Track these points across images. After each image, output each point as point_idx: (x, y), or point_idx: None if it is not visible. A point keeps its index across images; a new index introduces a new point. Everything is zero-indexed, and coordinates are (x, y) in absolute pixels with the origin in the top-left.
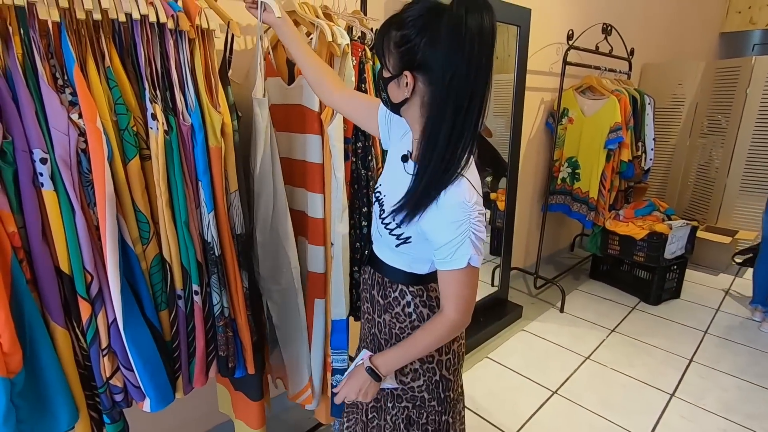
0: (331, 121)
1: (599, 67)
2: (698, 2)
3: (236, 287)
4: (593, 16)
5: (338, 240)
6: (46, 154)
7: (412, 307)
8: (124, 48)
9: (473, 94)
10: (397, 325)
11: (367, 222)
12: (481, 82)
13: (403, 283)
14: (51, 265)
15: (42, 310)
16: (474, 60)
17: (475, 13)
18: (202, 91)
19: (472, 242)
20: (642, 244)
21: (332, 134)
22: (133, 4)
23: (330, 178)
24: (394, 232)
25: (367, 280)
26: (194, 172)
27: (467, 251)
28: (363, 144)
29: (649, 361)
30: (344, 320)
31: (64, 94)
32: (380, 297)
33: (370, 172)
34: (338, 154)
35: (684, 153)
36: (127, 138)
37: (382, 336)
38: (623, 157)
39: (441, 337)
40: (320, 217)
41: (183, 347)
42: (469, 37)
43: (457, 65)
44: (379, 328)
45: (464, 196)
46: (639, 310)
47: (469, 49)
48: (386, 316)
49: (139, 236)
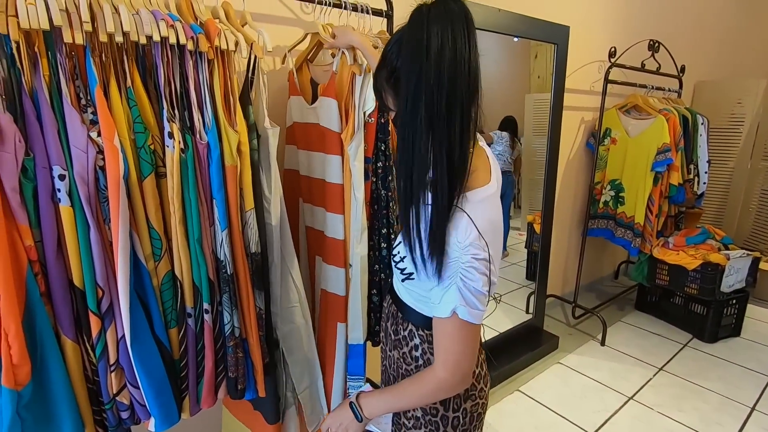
0: (352, 141)
1: (645, 85)
2: (756, 17)
3: (248, 307)
4: (638, 33)
5: (357, 261)
6: (65, 171)
7: (419, 352)
8: (146, 68)
9: (449, 102)
10: (404, 366)
11: (386, 244)
12: (458, 89)
13: (413, 322)
14: (65, 279)
15: (54, 323)
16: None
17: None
18: (220, 111)
19: (458, 290)
20: (695, 275)
21: (352, 154)
22: (154, 26)
23: (350, 198)
24: (398, 265)
25: (386, 309)
26: (209, 190)
27: (452, 300)
28: (384, 164)
29: (702, 406)
30: (361, 345)
31: (86, 113)
32: (392, 331)
33: (390, 192)
34: (358, 174)
35: (744, 177)
36: (144, 155)
37: (390, 371)
38: (673, 180)
39: (426, 394)
40: (340, 238)
41: (191, 366)
42: (434, 38)
43: (421, 72)
44: (389, 362)
45: (457, 234)
46: (691, 347)
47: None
48: (395, 353)
49: (152, 252)
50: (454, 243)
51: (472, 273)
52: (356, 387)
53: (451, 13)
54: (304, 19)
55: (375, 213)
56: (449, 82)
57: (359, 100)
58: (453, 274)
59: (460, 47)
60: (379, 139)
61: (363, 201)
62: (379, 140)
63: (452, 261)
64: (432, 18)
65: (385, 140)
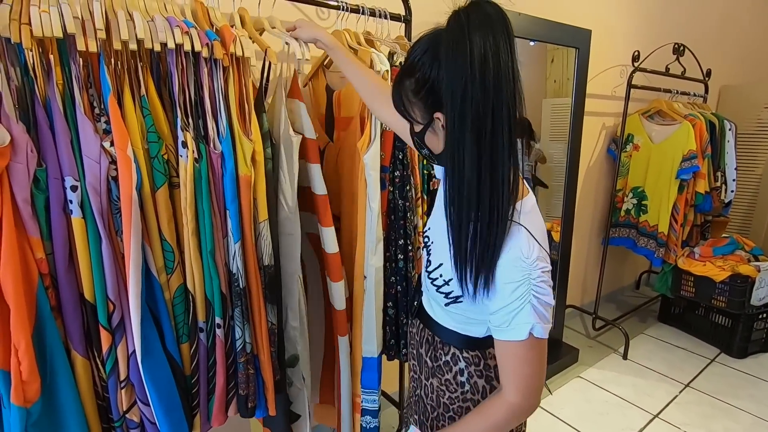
0: (368, 149)
1: (670, 90)
2: None
3: (260, 322)
4: (663, 36)
5: (372, 273)
6: (77, 182)
7: (465, 376)
8: (161, 76)
9: (495, 114)
10: (447, 394)
11: (403, 255)
12: (503, 99)
13: (456, 345)
14: (76, 293)
15: (64, 337)
16: (489, 71)
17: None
18: (235, 119)
19: (533, 308)
20: (723, 287)
21: (368, 163)
22: (168, 33)
23: (364, 209)
24: (441, 289)
25: (415, 335)
26: (222, 201)
27: (528, 319)
28: (401, 173)
29: (733, 427)
30: (375, 358)
31: (99, 122)
32: (429, 358)
33: (408, 202)
34: (374, 184)
35: None
36: (157, 166)
37: (428, 401)
38: (699, 188)
39: (498, 424)
40: (332, 251)
41: (203, 383)
42: (477, 48)
43: (467, 86)
44: (425, 391)
45: (521, 249)
46: (719, 363)
47: (479, 61)
48: (434, 381)
49: (164, 265)
50: (518, 260)
51: (543, 287)
52: (370, 401)
53: (491, 19)
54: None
55: (392, 223)
56: (495, 95)
57: None
58: (525, 293)
59: (503, 56)
60: (396, 147)
61: (378, 211)
62: (396, 149)
63: (521, 281)
64: (473, 25)
65: (403, 149)
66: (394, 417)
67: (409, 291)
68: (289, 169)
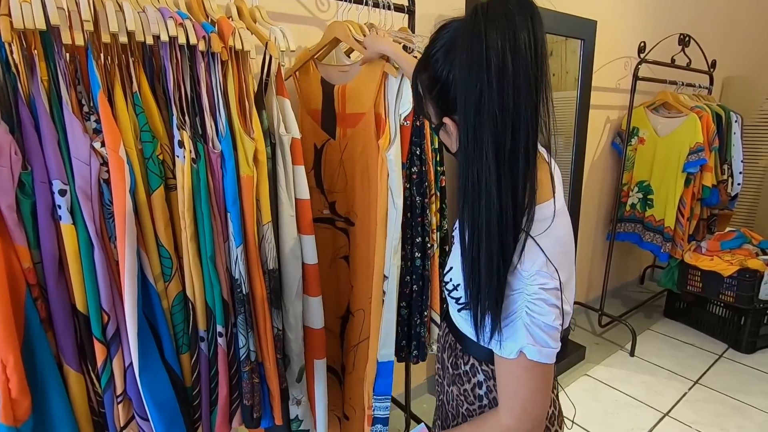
0: (390, 147)
1: (675, 81)
2: None
3: (265, 328)
4: (667, 27)
5: (394, 273)
6: (66, 186)
7: (483, 390)
8: (154, 72)
9: (516, 126)
10: (465, 404)
11: (420, 254)
12: (525, 109)
13: (475, 356)
14: (67, 304)
15: (56, 352)
16: (509, 80)
17: (501, 20)
18: (235, 117)
19: (526, 327)
20: (731, 282)
21: (392, 159)
22: (162, 25)
23: (385, 207)
24: (452, 294)
25: (441, 338)
26: (223, 203)
27: (517, 338)
28: (419, 169)
29: (746, 425)
30: (391, 362)
31: (89, 121)
32: (450, 364)
33: (426, 199)
34: (397, 180)
35: None
36: (152, 167)
37: (449, 408)
38: (706, 181)
39: None
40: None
41: (204, 394)
42: (495, 53)
43: (482, 95)
44: (447, 398)
45: (522, 261)
46: (727, 358)
47: (497, 68)
48: (454, 389)
49: (161, 272)
50: (517, 271)
51: (540, 306)
52: (382, 408)
53: (512, 15)
54: (320, 17)
55: (407, 221)
56: (514, 105)
57: (395, 103)
58: (517, 308)
59: (524, 58)
60: (413, 143)
61: (401, 209)
62: (414, 144)
63: (515, 292)
64: (490, 22)
65: (421, 144)
66: (399, 420)
67: (425, 290)
68: (286, 169)
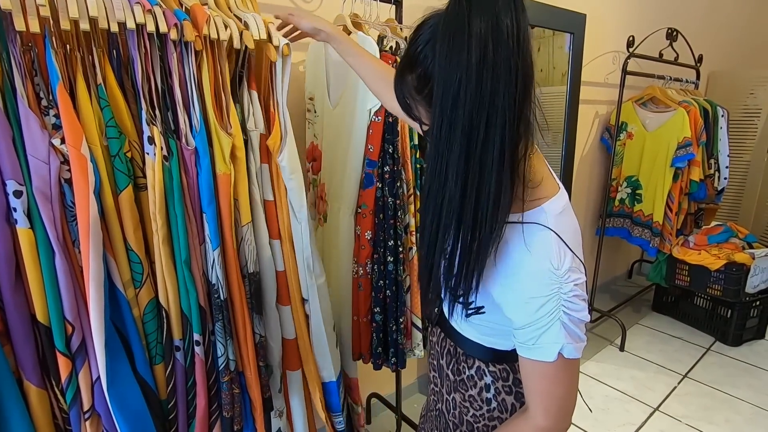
0: (282, 150)
1: (663, 76)
2: None
3: (245, 335)
4: (655, 21)
5: (313, 293)
6: (22, 186)
7: (491, 393)
8: (121, 62)
9: (491, 118)
10: (471, 411)
11: (393, 257)
12: (504, 99)
13: (481, 359)
14: (26, 315)
15: (14, 366)
16: (488, 69)
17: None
18: (210, 111)
19: (564, 326)
20: (718, 276)
21: (285, 166)
22: (128, 11)
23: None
24: (460, 300)
25: (435, 344)
26: (198, 203)
27: (557, 339)
28: (392, 168)
29: (734, 417)
30: (335, 382)
31: (47, 116)
32: (450, 371)
33: (399, 200)
34: (297, 190)
35: (761, 170)
36: (119, 165)
37: (450, 417)
38: (694, 176)
39: None
40: (279, 269)
41: (181, 407)
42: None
43: (461, 82)
44: (447, 406)
45: (551, 260)
46: (715, 351)
47: (477, 56)
48: (457, 396)
49: (131, 278)
50: (547, 272)
51: (575, 303)
52: (339, 422)
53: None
54: (304, 8)
55: (380, 223)
56: (490, 100)
57: (281, 93)
58: (554, 309)
59: (507, 46)
60: (386, 140)
61: (307, 221)
62: (386, 142)
63: (550, 295)
64: (474, 8)
65: (393, 141)
66: (390, 420)
67: (399, 295)
68: (256, 168)
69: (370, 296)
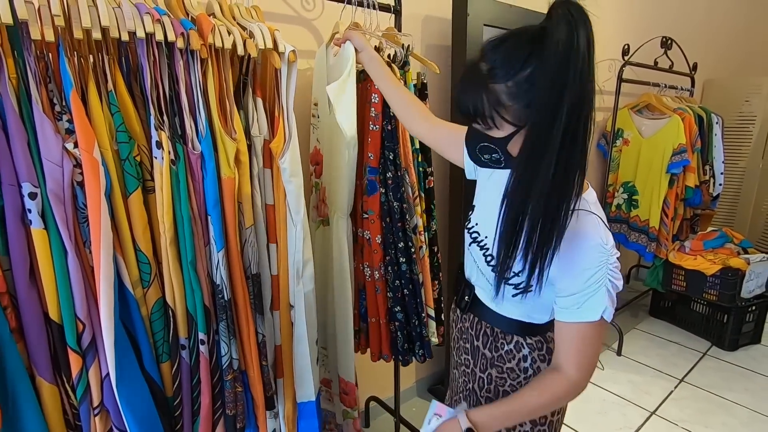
0: (284, 153)
1: (658, 83)
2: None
3: (248, 335)
4: (651, 30)
5: (300, 300)
6: (37, 189)
7: (528, 362)
8: (131, 70)
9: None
10: (508, 381)
11: (405, 258)
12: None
13: (518, 334)
14: (39, 313)
15: (27, 363)
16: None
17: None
18: (215, 117)
19: (607, 292)
20: (714, 281)
21: (286, 168)
22: (138, 21)
23: (284, 223)
24: (511, 281)
25: (469, 329)
26: (203, 206)
27: (602, 302)
28: (394, 174)
29: (730, 421)
30: (313, 402)
31: (61, 121)
32: (488, 350)
33: (405, 203)
34: (296, 193)
35: (756, 177)
36: (129, 169)
37: (483, 393)
38: (689, 182)
39: (557, 400)
40: (275, 273)
41: (186, 404)
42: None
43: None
44: (480, 383)
45: (601, 236)
46: (711, 356)
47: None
48: (493, 371)
49: (140, 278)
50: (599, 246)
51: (616, 273)
52: None
53: (583, 13)
54: (305, 16)
55: (387, 227)
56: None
57: (286, 98)
58: (601, 278)
59: (592, 54)
60: (386, 147)
61: (303, 226)
62: (386, 149)
63: (600, 266)
64: (579, 21)
65: (394, 149)
66: (389, 424)
67: (417, 293)
68: (259, 172)
69: (387, 297)
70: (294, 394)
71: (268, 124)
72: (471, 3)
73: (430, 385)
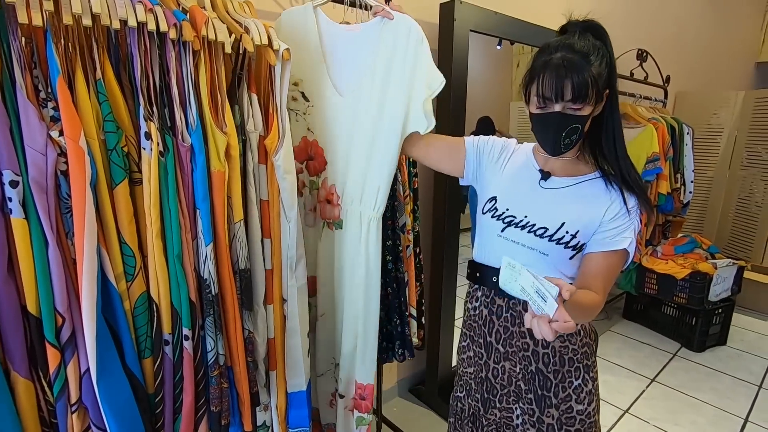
0: (279, 149)
1: (634, 94)
2: (734, 30)
3: (235, 331)
4: (626, 42)
5: (293, 294)
6: (18, 177)
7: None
8: (120, 59)
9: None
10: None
11: (392, 256)
12: None
13: None
14: (17, 305)
15: (2, 357)
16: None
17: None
18: (206, 109)
19: (634, 229)
20: (684, 285)
21: (280, 165)
22: (130, 10)
23: (278, 219)
24: (570, 244)
25: (500, 317)
26: (192, 199)
27: (630, 235)
28: None
29: (698, 419)
30: (304, 392)
31: (45, 108)
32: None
33: (395, 201)
34: (290, 189)
35: (723, 186)
36: (115, 159)
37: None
38: (661, 189)
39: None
40: (269, 267)
41: (168, 401)
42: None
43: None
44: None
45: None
46: (681, 357)
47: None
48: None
49: (123, 271)
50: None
51: (639, 218)
52: None
53: None
54: None
55: None
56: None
57: (280, 95)
58: (631, 219)
59: None
60: None
61: (297, 222)
62: None
63: (629, 212)
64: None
65: None
66: None
67: (401, 292)
68: (253, 168)
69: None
70: (285, 385)
71: (262, 121)
72: (458, 9)
73: (412, 386)
